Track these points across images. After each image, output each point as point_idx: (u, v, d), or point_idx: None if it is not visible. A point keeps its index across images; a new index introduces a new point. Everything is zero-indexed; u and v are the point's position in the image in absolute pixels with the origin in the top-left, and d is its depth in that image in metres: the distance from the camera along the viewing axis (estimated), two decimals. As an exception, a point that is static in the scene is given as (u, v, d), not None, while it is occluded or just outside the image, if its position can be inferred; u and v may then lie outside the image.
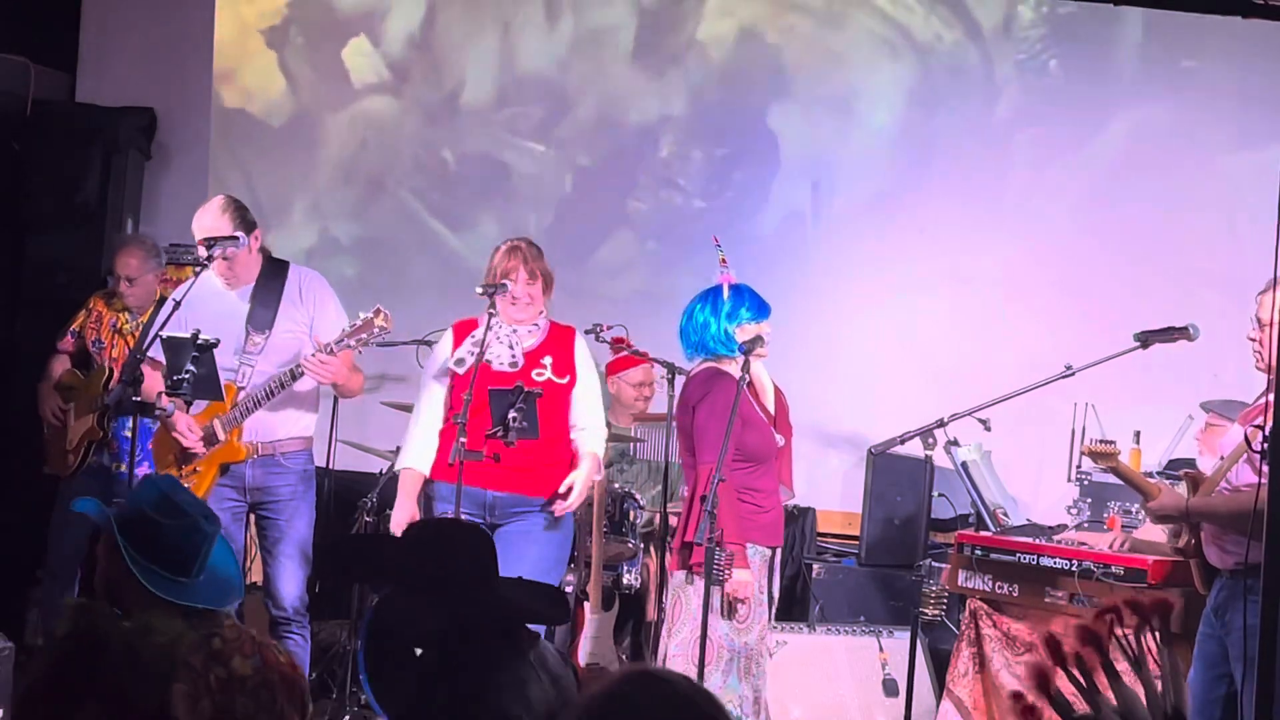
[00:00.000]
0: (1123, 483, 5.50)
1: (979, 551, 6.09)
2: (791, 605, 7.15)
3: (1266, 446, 4.21)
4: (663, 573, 6.68)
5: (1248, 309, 5.14)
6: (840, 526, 7.62)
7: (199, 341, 5.56)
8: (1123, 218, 7.52)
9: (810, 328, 7.49)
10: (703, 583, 5.40)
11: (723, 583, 5.38)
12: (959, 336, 7.57)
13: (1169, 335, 5.78)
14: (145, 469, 6.64)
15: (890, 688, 6.54)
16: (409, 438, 5.83)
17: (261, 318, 5.88)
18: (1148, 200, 7.49)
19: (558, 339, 5.80)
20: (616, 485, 6.70)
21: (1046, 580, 5.89)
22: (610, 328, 6.73)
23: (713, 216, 7.83)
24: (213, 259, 5.84)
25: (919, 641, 6.01)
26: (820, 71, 7.90)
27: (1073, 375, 5.88)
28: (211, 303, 5.90)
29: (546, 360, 5.74)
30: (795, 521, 7.47)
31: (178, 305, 5.85)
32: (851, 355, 7.72)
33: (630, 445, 7.39)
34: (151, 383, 5.85)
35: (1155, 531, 5.68)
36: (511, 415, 5.39)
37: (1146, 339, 5.80)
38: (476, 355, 5.62)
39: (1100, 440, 5.36)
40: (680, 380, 6.58)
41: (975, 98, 7.78)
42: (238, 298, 5.92)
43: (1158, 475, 5.92)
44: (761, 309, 5.68)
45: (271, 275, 5.97)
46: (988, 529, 6.30)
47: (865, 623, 6.88)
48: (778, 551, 5.72)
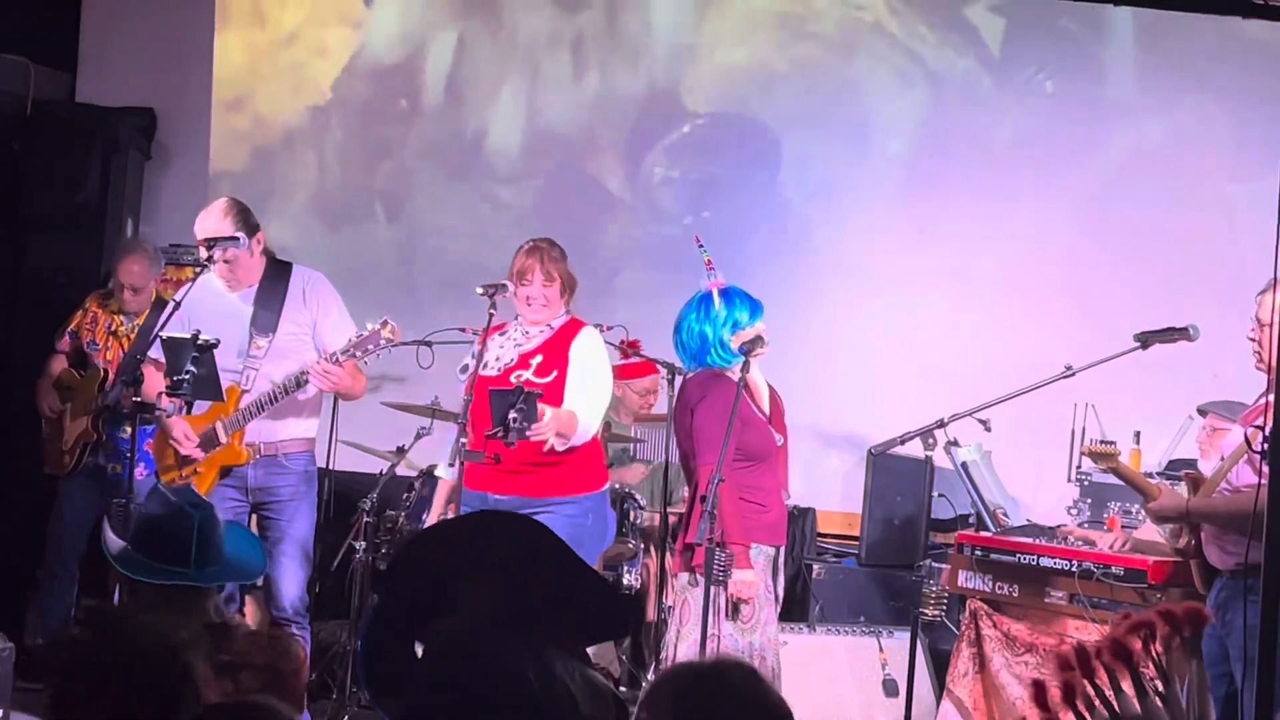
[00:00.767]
0: (1123, 483, 5.50)
1: (979, 552, 6.08)
2: (791, 605, 7.13)
3: (1266, 447, 4.22)
4: (663, 573, 6.68)
5: (1248, 309, 5.14)
6: (840, 527, 7.62)
7: (199, 342, 5.56)
8: (1123, 218, 7.52)
9: (810, 328, 7.49)
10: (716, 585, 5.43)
11: (724, 583, 5.36)
12: (959, 336, 7.57)
13: (1169, 335, 5.77)
14: (143, 470, 6.64)
15: (890, 688, 6.54)
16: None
17: (265, 321, 5.86)
18: (1148, 201, 7.50)
19: (560, 337, 5.70)
20: (617, 485, 6.69)
21: (1046, 581, 5.88)
22: (610, 328, 6.72)
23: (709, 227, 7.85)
24: (213, 260, 5.83)
25: (919, 642, 6.01)
26: (820, 83, 7.92)
27: (1073, 375, 5.88)
28: (213, 304, 5.89)
29: (535, 360, 5.65)
30: (795, 522, 7.47)
31: (177, 306, 5.85)
32: (851, 355, 7.72)
33: (630, 445, 7.39)
34: (153, 383, 5.85)
35: (1155, 532, 5.68)
36: (512, 415, 5.35)
37: (1146, 339, 5.80)
38: (475, 357, 5.60)
39: (1100, 441, 5.36)
40: (680, 381, 6.58)
41: (976, 103, 7.79)
42: (240, 300, 5.92)
43: (1158, 476, 5.92)
44: (755, 308, 5.55)
45: (274, 277, 5.95)
46: (988, 529, 6.29)
47: (865, 623, 6.87)
48: (781, 550, 5.70)
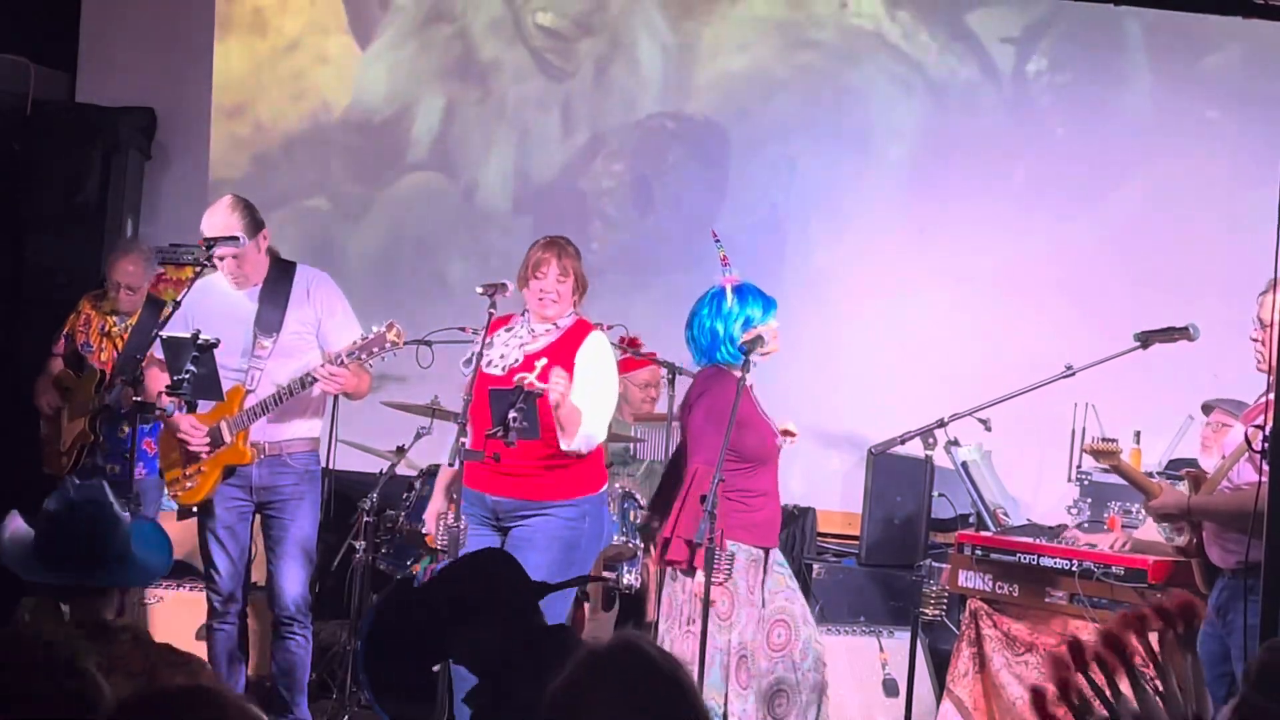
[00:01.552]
0: (1124, 482, 5.49)
1: (979, 551, 6.09)
2: (791, 605, 7.14)
3: (1266, 446, 4.23)
4: (662, 573, 6.68)
5: (1248, 309, 5.14)
6: (840, 526, 7.61)
7: (199, 341, 5.56)
8: (1123, 218, 7.52)
9: (810, 328, 7.48)
10: (685, 579, 5.45)
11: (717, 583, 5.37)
12: (959, 336, 7.57)
13: (1169, 335, 5.77)
14: (142, 469, 6.64)
15: (890, 688, 6.54)
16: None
17: (269, 320, 5.86)
18: (1148, 201, 7.49)
19: (567, 340, 5.65)
20: (617, 485, 6.69)
21: (1047, 580, 5.88)
22: (611, 327, 6.71)
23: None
24: (211, 259, 5.84)
25: (919, 641, 6.00)
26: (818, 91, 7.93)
27: (1073, 375, 5.88)
28: (218, 304, 5.89)
29: (540, 363, 5.57)
30: (795, 521, 7.47)
31: (177, 306, 5.85)
32: (851, 355, 7.72)
33: (630, 445, 7.39)
34: (155, 382, 5.84)
35: (1156, 531, 5.68)
36: (511, 415, 5.33)
37: (1146, 339, 5.80)
38: (475, 357, 5.59)
39: (1102, 439, 5.36)
40: (680, 380, 6.59)
41: (977, 109, 7.79)
42: (245, 298, 5.91)
43: (1158, 475, 5.92)
44: (768, 306, 5.59)
45: (279, 277, 5.95)
46: (988, 529, 6.30)
47: (865, 623, 6.87)
48: (771, 553, 5.65)
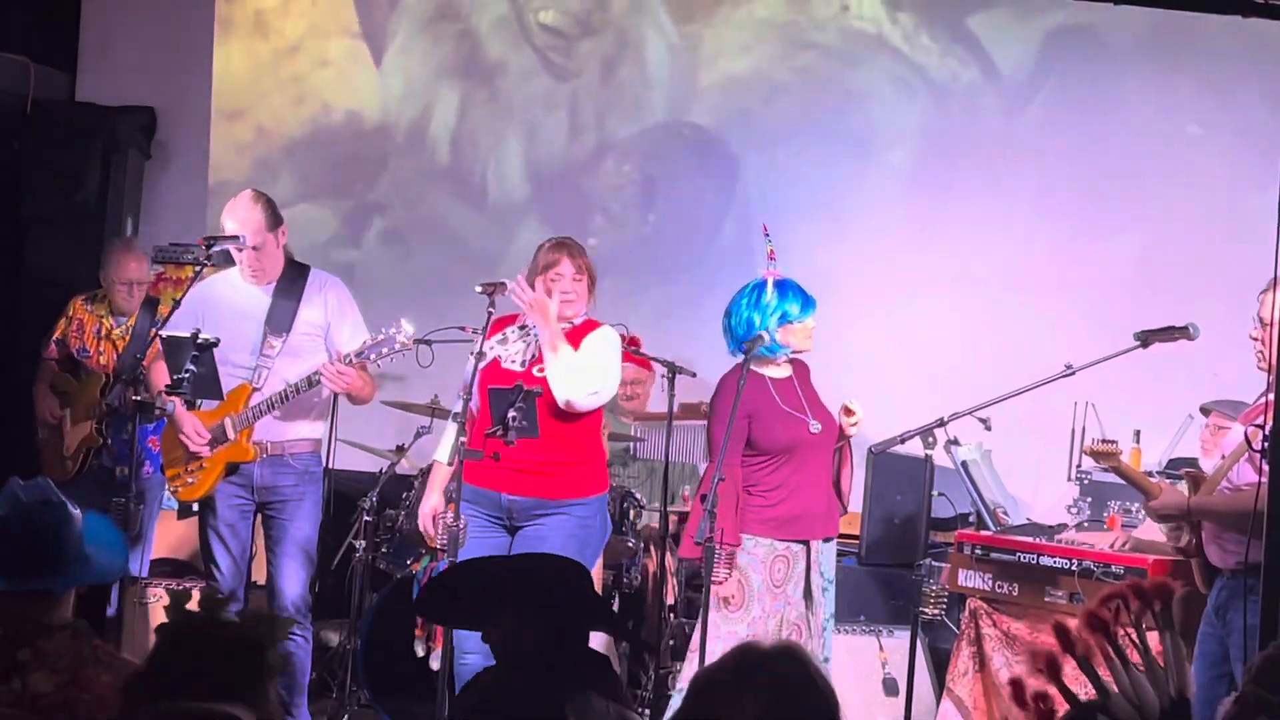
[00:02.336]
0: (1123, 482, 5.49)
1: (979, 551, 6.09)
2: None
3: (1266, 445, 4.22)
4: (662, 573, 6.69)
5: (1248, 309, 5.13)
6: (840, 525, 7.59)
7: (199, 341, 5.56)
8: (1123, 218, 7.52)
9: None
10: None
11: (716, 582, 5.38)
12: (959, 336, 7.57)
13: (1169, 335, 5.76)
14: (147, 469, 6.65)
15: (890, 687, 6.54)
16: (445, 433, 5.71)
17: (280, 319, 5.86)
18: (1148, 200, 7.49)
19: (577, 335, 5.63)
20: (617, 484, 6.69)
21: (1046, 580, 5.89)
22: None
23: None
24: (211, 258, 5.85)
25: (919, 641, 6.00)
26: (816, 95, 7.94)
27: (1073, 375, 5.87)
28: (229, 302, 5.90)
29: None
30: (795, 521, 7.46)
31: (177, 305, 5.86)
32: (852, 355, 7.71)
33: (630, 445, 7.39)
34: (160, 378, 5.84)
35: (1156, 531, 5.68)
36: (511, 414, 5.33)
37: (1146, 339, 5.79)
38: (477, 355, 5.60)
39: (1102, 439, 5.36)
40: (680, 380, 6.59)
41: (978, 112, 7.79)
42: (260, 294, 5.91)
43: (1158, 475, 5.91)
44: (807, 304, 5.61)
45: (294, 277, 5.96)
46: (988, 528, 6.29)
47: (865, 622, 6.87)
48: (792, 546, 5.63)
